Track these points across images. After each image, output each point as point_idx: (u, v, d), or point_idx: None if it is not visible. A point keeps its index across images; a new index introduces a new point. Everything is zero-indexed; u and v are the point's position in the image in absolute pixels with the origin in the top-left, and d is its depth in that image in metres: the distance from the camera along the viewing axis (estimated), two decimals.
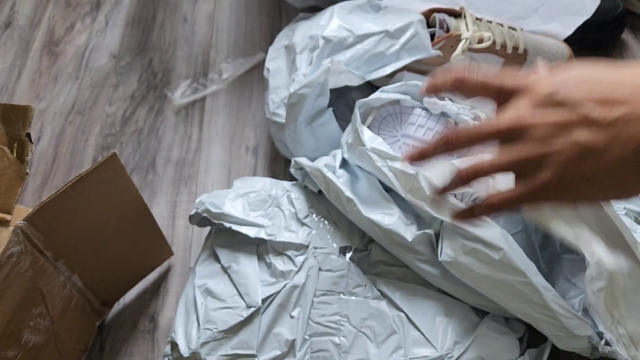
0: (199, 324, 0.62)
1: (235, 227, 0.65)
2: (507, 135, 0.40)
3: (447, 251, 0.59)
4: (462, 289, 0.61)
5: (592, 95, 0.37)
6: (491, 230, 0.58)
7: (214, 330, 0.60)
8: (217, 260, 0.66)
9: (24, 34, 1.10)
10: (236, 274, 0.64)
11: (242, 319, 0.60)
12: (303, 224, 0.67)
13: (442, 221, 0.60)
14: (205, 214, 0.68)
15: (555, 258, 0.67)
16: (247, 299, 0.61)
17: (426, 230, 0.61)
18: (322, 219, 0.68)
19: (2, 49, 1.08)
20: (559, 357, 0.66)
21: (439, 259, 0.60)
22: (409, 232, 0.61)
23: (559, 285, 0.66)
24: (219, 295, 0.63)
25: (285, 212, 0.68)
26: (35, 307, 0.59)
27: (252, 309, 0.60)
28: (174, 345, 0.62)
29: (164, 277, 0.78)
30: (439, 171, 0.66)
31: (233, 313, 0.61)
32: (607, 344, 0.58)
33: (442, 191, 0.45)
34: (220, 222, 0.67)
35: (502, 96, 0.42)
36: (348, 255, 0.64)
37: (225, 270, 0.65)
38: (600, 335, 0.60)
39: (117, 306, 0.76)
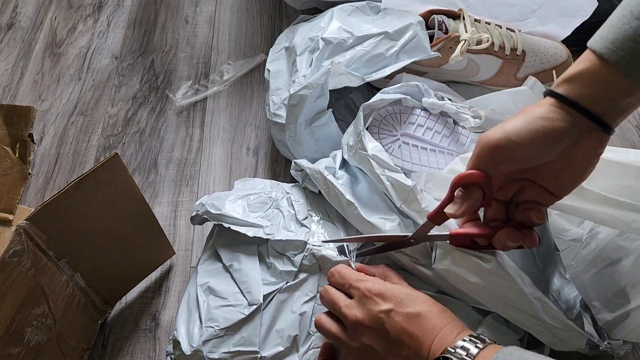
0: (201, 322, 0.62)
1: (234, 228, 0.66)
2: (346, 320, 0.54)
3: (440, 259, 0.60)
4: (457, 291, 0.62)
5: (402, 328, 0.51)
6: None
7: (216, 328, 0.61)
8: (219, 259, 0.67)
9: (26, 35, 1.11)
10: (238, 272, 0.64)
11: (244, 316, 0.61)
12: (302, 225, 0.67)
13: None
14: (205, 216, 0.68)
15: (550, 255, 0.68)
16: (249, 297, 0.62)
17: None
18: (321, 221, 0.68)
19: (4, 50, 1.09)
20: (558, 355, 0.67)
21: (433, 266, 0.60)
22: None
23: (553, 282, 0.66)
24: (221, 294, 0.63)
25: (284, 213, 0.68)
26: (37, 306, 0.60)
27: (254, 307, 0.61)
28: (176, 343, 0.63)
29: (165, 276, 0.79)
30: (438, 182, 0.67)
31: (235, 311, 0.61)
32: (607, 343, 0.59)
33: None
34: (220, 222, 0.67)
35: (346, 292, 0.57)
36: (350, 257, 0.65)
37: (227, 269, 0.65)
38: (600, 334, 0.61)
39: (119, 305, 0.76)
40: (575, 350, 0.60)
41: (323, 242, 0.64)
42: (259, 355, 0.60)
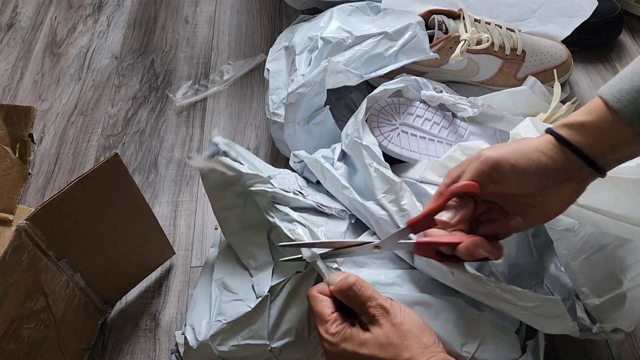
0: (210, 316, 0.62)
1: (245, 169, 0.62)
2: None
3: (419, 259, 0.60)
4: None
5: None
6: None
7: (223, 321, 0.61)
8: (234, 256, 0.66)
9: (26, 35, 1.11)
10: (254, 269, 0.64)
11: (249, 309, 0.60)
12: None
13: None
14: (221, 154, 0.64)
15: (546, 246, 0.68)
16: (257, 289, 0.61)
17: None
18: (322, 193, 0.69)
19: (4, 50, 1.09)
20: (553, 343, 0.68)
21: (414, 264, 0.61)
22: (402, 224, 0.61)
23: (549, 273, 0.66)
24: (233, 289, 0.63)
25: (296, 179, 0.68)
26: (37, 306, 0.60)
27: (259, 299, 0.60)
28: (185, 339, 0.63)
29: (165, 276, 0.79)
30: (437, 169, 0.67)
31: (242, 304, 0.61)
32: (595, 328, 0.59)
33: None
34: (236, 160, 0.63)
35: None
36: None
37: (243, 265, 0.65)
38: (592, 318, 0.61)
39: (119, 305, 0.76)
40: (567, 334, 0.59)
41: (280, 245, 0.60)
42: (268, 348, 0.59)
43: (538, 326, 0.60)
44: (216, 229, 0.82)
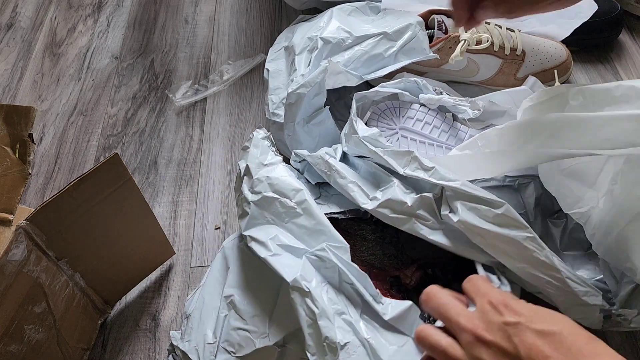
0: (216, 338, 0.60)
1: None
2: (461, 333, 0.44)
3: (449, 211, 0.58)
4: (467, 248, 0.59)
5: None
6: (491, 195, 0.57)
7: (232, 354, 0.58)
8: (249, 268, 0.64)
9: (26, 35, 1.11)
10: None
11: (255, 348, 0.57)
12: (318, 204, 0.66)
13: (442, 187, 0.59)
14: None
15: (555, 254, 0.68)
16: (270, 335, 0.58)
17: (424, 194, 0.60)
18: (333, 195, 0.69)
19: (4, 50, 1.09)
20: None
21: (441, 217, 0.59)
22: (409, 198, 0.60)
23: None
24: (243, 313, 0.60)
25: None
26: (37, 306, 0.60)
27: (265, 339, 0.58)
28: (184, 355, 0.61)
29: (165, 276, 0.79)
30: (453, 163, 0.66)
31: (249, 338, 0.58)
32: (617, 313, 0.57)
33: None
34: None
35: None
36: None
37: (257, 281, 0.62)
38: (610, 303, 0.59)
39: (119, 305, 0.76)
40: (586, 324, 0.56)
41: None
42: None
43: (563, 304, 0.56)
44: (217, 228, 0.82)
